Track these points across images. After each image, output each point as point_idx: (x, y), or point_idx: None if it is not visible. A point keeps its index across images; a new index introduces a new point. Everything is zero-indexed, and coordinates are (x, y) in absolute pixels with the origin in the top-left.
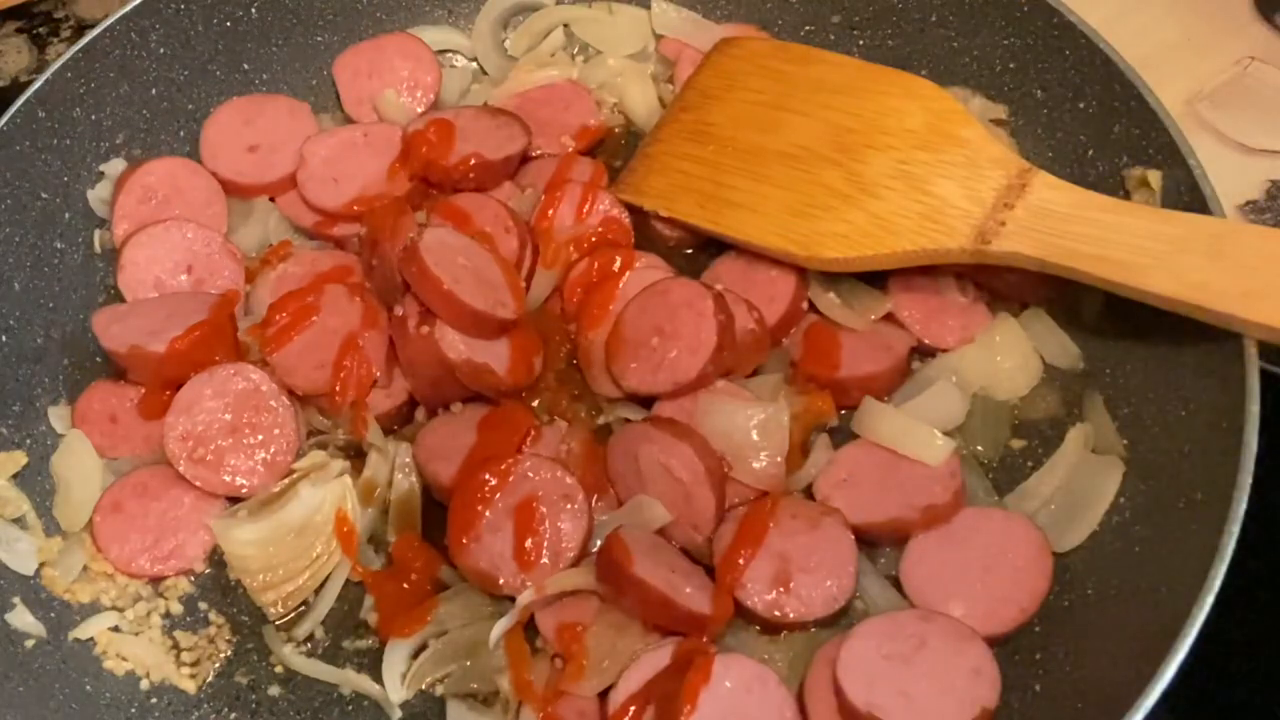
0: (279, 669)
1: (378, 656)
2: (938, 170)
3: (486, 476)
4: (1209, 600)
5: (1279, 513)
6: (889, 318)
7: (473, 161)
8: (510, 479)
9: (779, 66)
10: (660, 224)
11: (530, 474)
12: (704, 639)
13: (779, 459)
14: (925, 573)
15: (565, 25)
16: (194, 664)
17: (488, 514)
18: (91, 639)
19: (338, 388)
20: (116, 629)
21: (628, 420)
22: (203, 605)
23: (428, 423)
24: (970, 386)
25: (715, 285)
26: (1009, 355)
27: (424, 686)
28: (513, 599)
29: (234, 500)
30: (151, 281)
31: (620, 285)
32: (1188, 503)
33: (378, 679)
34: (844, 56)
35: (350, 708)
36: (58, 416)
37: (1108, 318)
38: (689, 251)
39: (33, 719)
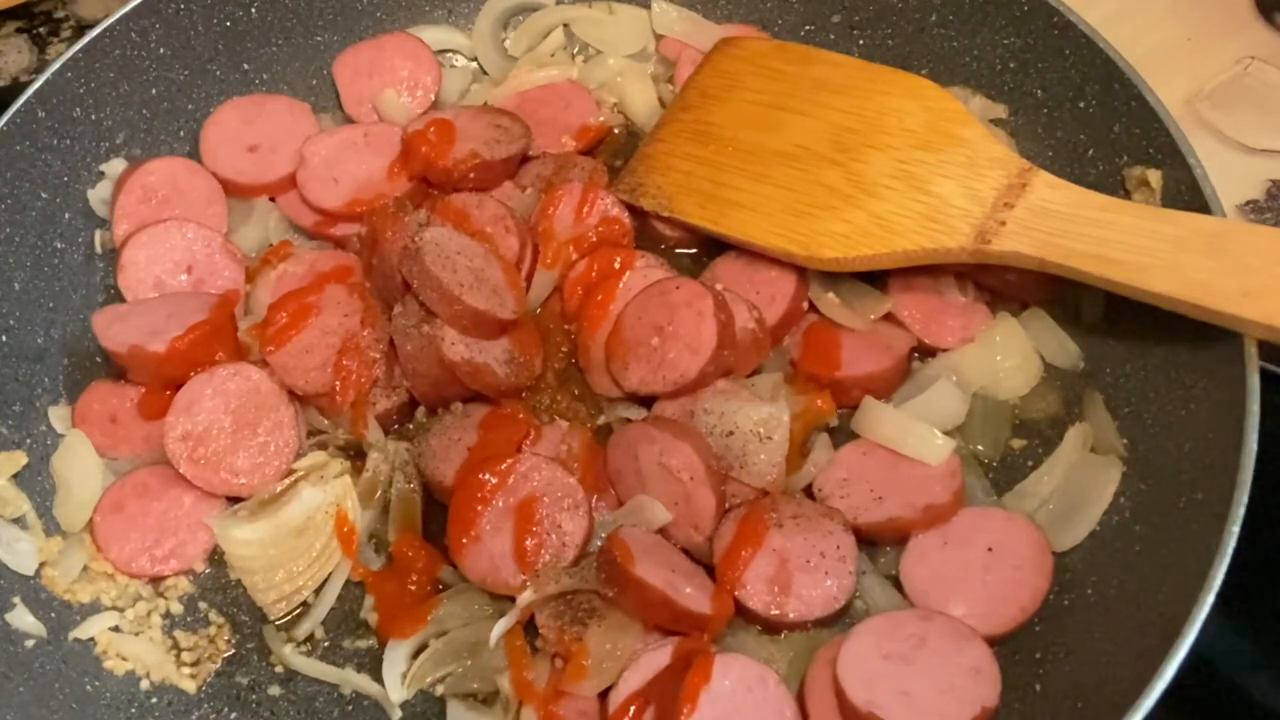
0: (279, 669)
1: (378, 656)
2: (938, 170)
3: (486, 476)
4: (1209, 600)
5: (1279, 513)
6: (889, 317)
7: (473, 161)
8: (510, 479)
9: (779, 66)
10: (660, 224)
11: (530, 474)
12: (704, 639)
13: (779, 459)
14: (925, 572)
15: (565, 25)
16: (194, 664)
17: (488, 514)
18: (91, 639)
19: (338, 387)
20: (116, 629)
21: (628, 420)
22: (203, 605)
23: (428, 423)
24: (970, 386)
25: (715, 285)
26: (1009, 355)
27: (424, 686)
28: (513, 599)
29: (234, 500)
30: (152, 281)
31: (620, 285)
32: (1188, 503)
33: (378, 679)
34: (844, 56)
35: (350, 708)
36: (58, 416)
37: (1108, 318)
38: (689, 251)
39: (33, 719)
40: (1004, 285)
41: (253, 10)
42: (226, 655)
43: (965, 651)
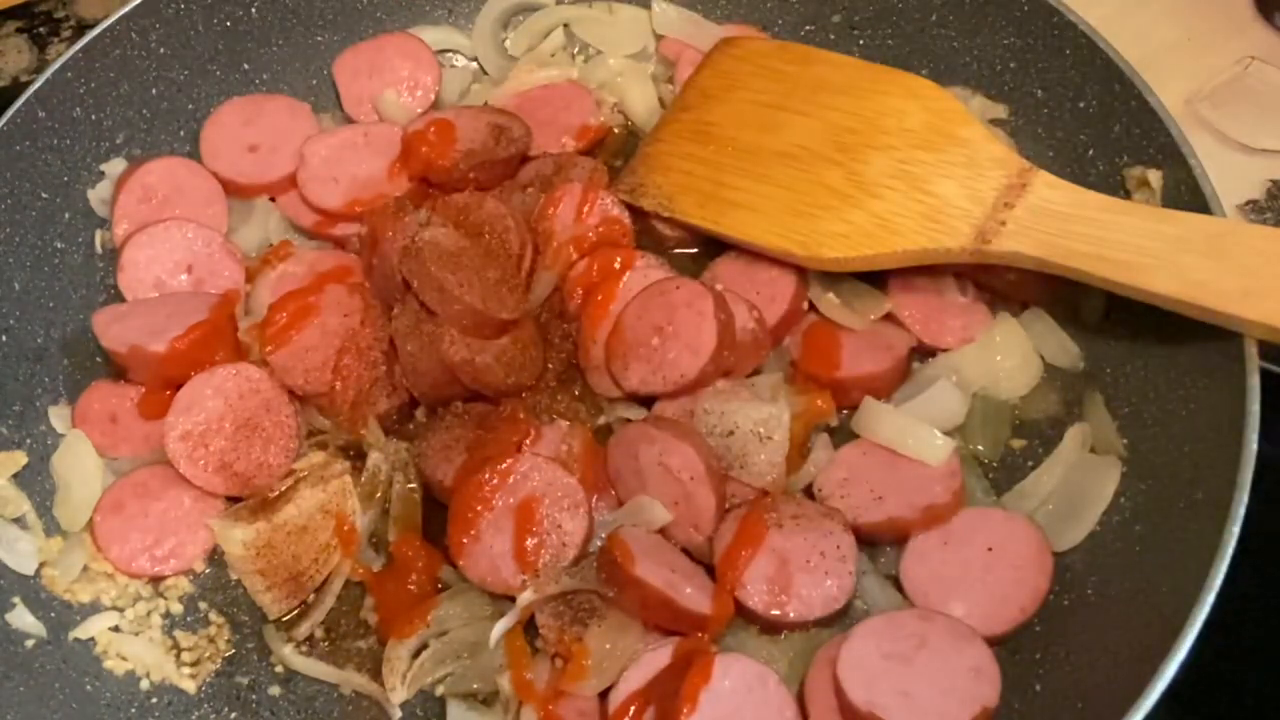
0: (279, 669)
1: (378, 656)
2: (938, 170)
3: (486, 476)
4: (1209, 600)
5: (1279, 513)
6: (889, 318)
7: (473, 161)
8: (510, 479)
9: (779, 66)
10: (660, 224)
11: (530, 474)
12: (704, 639)
13: (779, 459)
14: (925, 572)
15: (565, 25)
16: (194, 664)
17: (488, 514)
18: (91, 639)
19: (338, 387)
20: (116, 629)
21: (628, 420)
22: (203, 605)
23: (428, 423)
24: (970, 386)
25: (715, 285)
26: (1009, 355)
27: (424, 686)
28: (513, 599)
29: (234, 500)
30: (152, 281)
31: (620, 285)
32: (1188, 503)
33: (378, 679)
34: (844, 56)
35: (350, 708)
36: (58, 416)
37: (1108, 318)
38: (689, 251)
39: (33, 719)
40: (1004, 285)
41: (253, 10)
42: (226, 655)
43: (965, 651)
